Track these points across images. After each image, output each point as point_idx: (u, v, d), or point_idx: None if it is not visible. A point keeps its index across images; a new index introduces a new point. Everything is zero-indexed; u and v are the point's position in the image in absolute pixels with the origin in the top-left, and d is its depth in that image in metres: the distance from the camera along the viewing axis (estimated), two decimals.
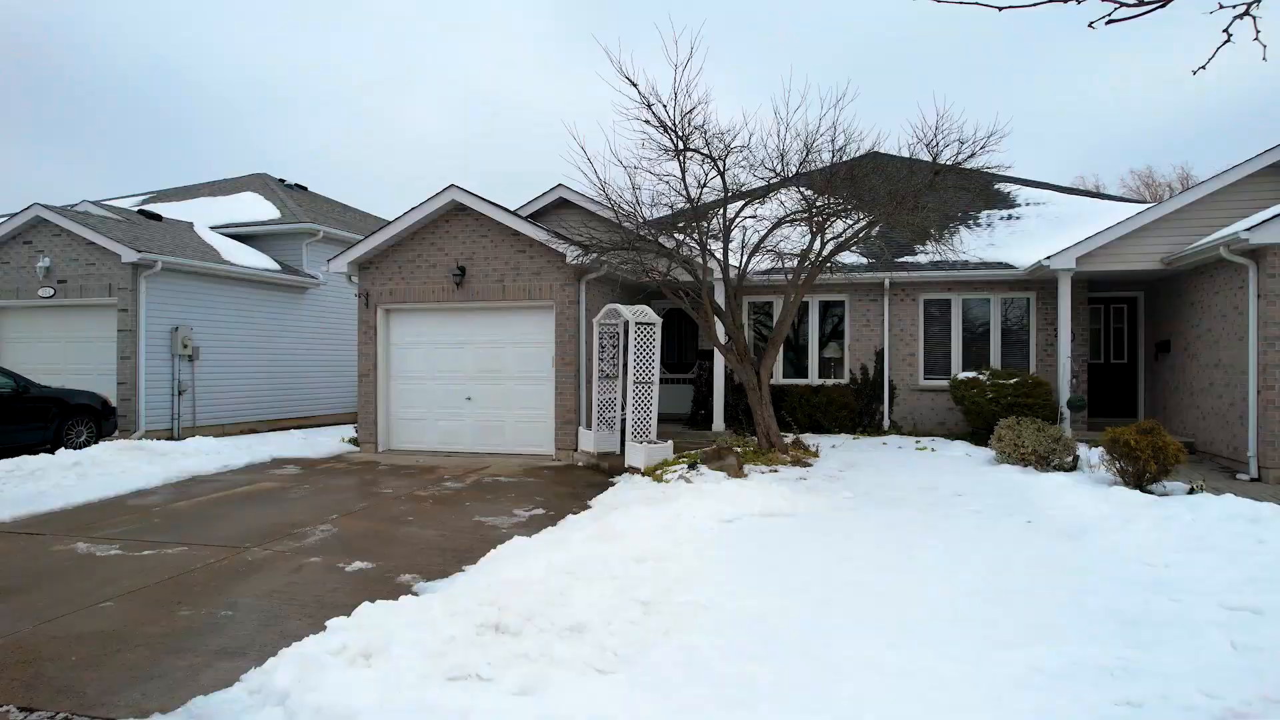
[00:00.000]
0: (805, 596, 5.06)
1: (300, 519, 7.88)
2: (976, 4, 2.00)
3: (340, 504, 8.67)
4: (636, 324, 10.70)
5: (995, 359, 14.12)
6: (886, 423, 14.48)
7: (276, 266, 16.93)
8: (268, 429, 16.40)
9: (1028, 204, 16.19)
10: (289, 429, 16.60)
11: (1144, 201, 23.84)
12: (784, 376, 15.11)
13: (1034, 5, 2.00)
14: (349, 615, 4.46)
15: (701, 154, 9.82)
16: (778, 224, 10.33)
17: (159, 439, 13.12)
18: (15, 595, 5.52)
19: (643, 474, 9.97)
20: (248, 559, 6.41)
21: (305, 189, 23.09)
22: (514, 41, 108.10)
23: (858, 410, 14.50)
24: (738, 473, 9.32)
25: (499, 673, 3.80)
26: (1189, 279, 12.12)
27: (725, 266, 10.53)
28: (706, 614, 4.69)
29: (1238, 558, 5.51)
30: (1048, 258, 12.16)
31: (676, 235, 10.78)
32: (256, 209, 19.29)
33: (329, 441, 13.75)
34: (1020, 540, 6.36)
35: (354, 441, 13.57)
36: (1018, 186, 16.76)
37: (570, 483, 10.17)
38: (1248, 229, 9.60)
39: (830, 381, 14.88)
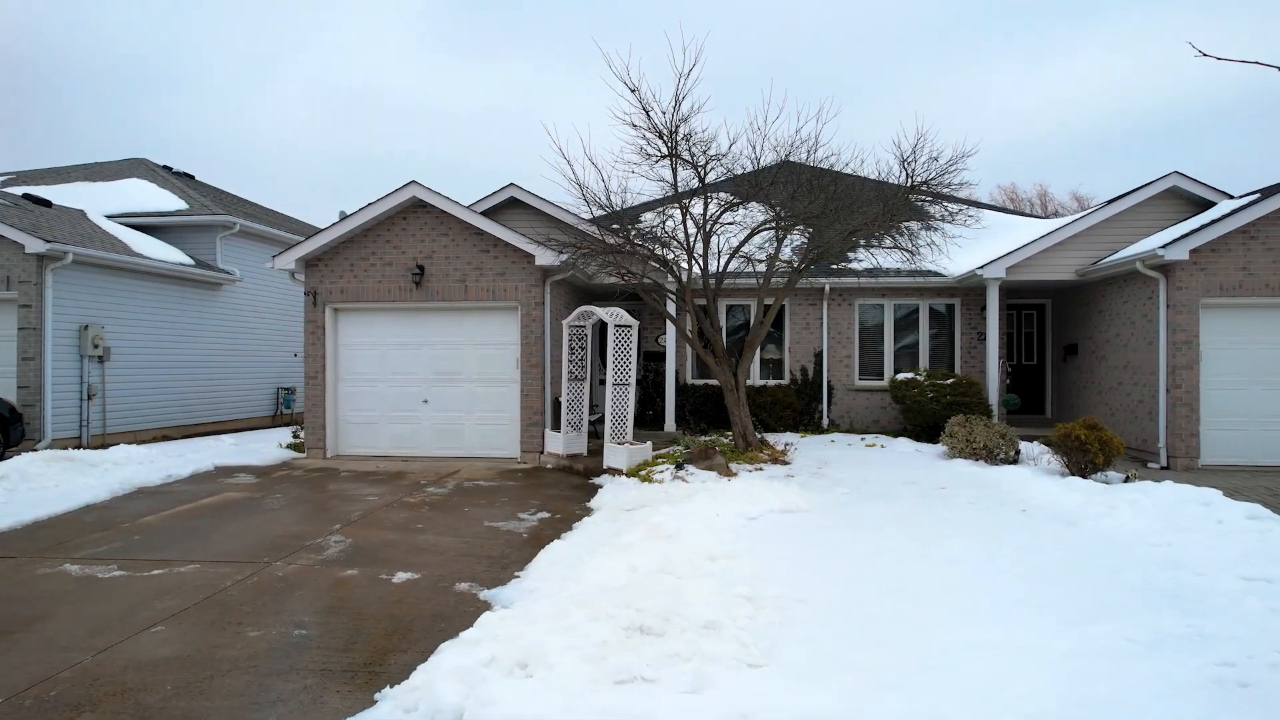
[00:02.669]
0: (876, 586, 5.38)
1: (300, 530, 7.48)
2: (1261, 64, 2.36)
3: (330, 513, 8.27)
4: (615, 326, 10.78)
5: (924, 360, 15.16)
6: (826, 421, 15.24)
7: (190, 261, 15.73)
8: (182, 435, 15.22)
9: (941, 216, 17.42)
10: (206, 435, 15.48)
11: (1023, 214, 26.15)
12: None
13: None
14: (472, 627, 4.38)
15: (685, 160, 10.04)
16: (756, 230, 10.71)
17: (66, 447, 11.97)
18: (38, 624, 4.99)
19: (626, 475, 10.06)
20: (277, 574, 6.07)
21: (192, 177, 21.47)
22: (385, 38, 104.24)
23: (799, 409, 15.17)
24: (727, 472, 9.61)
25: (660, 673, 3.88)
26: (1097, 288, 13.51)
27: (705, 271, 10.80)
28: (804, 606, 4.92)
29: (1219, 537, 6.32)
30: (980, 267, 13.22)
31: (657, 240, 10.95)
32: (154, 198, 17.80)
33: (266, 447, 12.97)
34: (1026, 527, 6.98)
35: (295, 447, 12.87)
36: (927, 198, 18.00)
37: (553, 485, 10.12)
38: (1162, 246, 10.85)
39: (772, 382, 15.49)
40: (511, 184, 14.29)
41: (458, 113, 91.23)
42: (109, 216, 16.31)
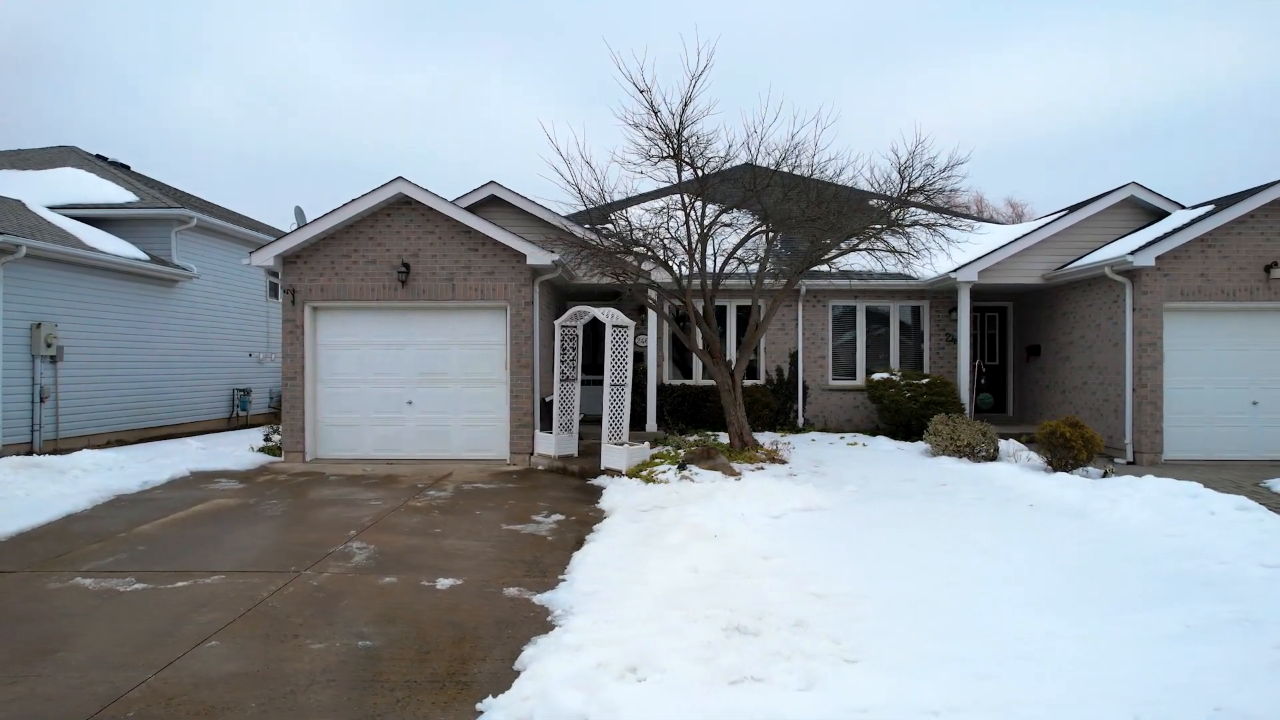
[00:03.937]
0: (927, 580, 5.54)
1: (315, 538, 7.22)
2: None
3: (338, 519, 8.00)
4: (613, 327, 10.75)
5: (894, 361, 15.60)
6: (801, 420, 15.52)
7: (145, 257, 14.96)
8: (137, 439, 14.47)
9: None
10: (162, 438, 14.77)
11: (958, 213, 27.15)
12: (703, 378, 15.68)
13: None
14: (548, 634, 4.33)
15: (687, 162, 10.10)
16: (752, 233, 10.85)
17: (17, 453, 11.26)
18: (76, 641, 4.70)
19: (626, 475, 10.05)
20: (313, 584, 5.85)
21: (128, 167, 20.41)
22: (308, 29, 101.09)
23: (776, 409, 15.40)
24: (731, 472, 9.69)
25: (767, 671, 3.91)
26: (1061, 291, 14.15)
27: (704, 273, 10.87)
28: (869, 602, 5.03)
29: (1222, 527, 6.71)
30: (954, 270, 13.68)
31: (659, 243, 10.96)
32: (97, 189, 16.82)
33: (237, 451, 12.48)
34: (1041, 521, 7.27)
35: (269, 450, 12.41)
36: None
37: (552, 486, 10.03)
38: (1130, 252, 11.44)
39: (748, 382, 15.67)
40: (492, 181, 14.09)
41: (395, 107, 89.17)
42: (51, 208, 15.39)
